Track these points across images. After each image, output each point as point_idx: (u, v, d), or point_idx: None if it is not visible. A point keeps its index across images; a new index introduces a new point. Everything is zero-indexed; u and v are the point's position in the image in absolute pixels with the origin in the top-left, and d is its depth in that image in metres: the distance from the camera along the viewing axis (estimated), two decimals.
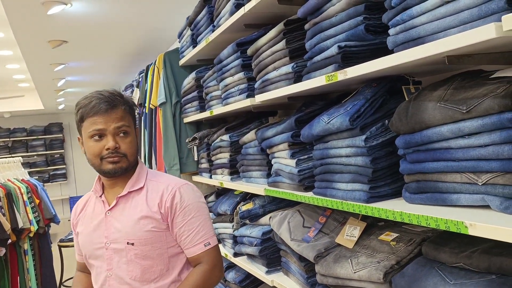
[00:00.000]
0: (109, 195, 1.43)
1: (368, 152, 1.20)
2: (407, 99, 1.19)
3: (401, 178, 1.18)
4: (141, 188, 1.40)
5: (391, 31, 1.10)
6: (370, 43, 1.23)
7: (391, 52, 1.10)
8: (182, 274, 1.40)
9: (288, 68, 1.58)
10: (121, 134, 1.34)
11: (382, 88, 1.29)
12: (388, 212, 1.12)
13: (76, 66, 5.57)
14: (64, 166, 10.63)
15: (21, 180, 3.09)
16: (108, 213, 1.40)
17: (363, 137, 1.21)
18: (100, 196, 1.43)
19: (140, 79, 3.64)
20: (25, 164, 6.76)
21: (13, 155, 7.78)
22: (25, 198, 2.93)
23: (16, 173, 3.12)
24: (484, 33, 0.83)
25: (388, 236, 1.33)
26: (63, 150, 10.62)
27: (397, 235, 1.31)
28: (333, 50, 1.28)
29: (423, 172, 1.07)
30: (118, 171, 1.34)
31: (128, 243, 1.35)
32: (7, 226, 2.69)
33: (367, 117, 1.24)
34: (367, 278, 1.21)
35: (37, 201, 3.07)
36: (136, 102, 3.55)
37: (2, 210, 2.76)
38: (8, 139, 10.07)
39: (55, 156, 10.58)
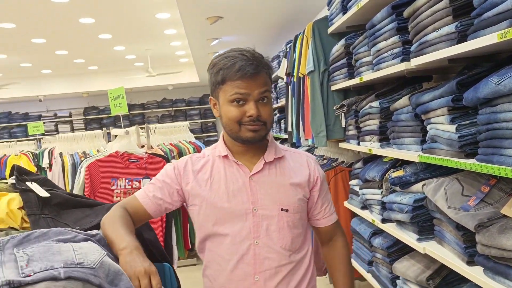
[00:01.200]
0: (242, 160, 1.36)
1: None
2: None
3: None
4: (283, 156, 1.38)
5: None
6: None
7: None
8: (310, 247, 1.41)
9: (450, 28, 1.48)
10: (262, 101, 1.27)
11: None
12: None
13: (229, 40, 6.03)
14: (215, 133, 11.78)
15: (189, 142, 3.58)
16: (252, 178, 1.33)
17: None
18: (235, 161, 1.35)
19: (287, 50, 3.77)
20: None
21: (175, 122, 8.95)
22: None
23: (185, 136, 3.62)
24: None
25: None
26: (215, 119, 11.75)
27: None
28: (509, 3, 1.16)
29: None
30: (258, 139, 1.29)
31: (282, 209, 1.32)
32: None
33: None
34: None
35: None
36: (284, 72, 3.72)
37: None
38: (171, 109, 11.61)
39: (209, 124, 11.80)
